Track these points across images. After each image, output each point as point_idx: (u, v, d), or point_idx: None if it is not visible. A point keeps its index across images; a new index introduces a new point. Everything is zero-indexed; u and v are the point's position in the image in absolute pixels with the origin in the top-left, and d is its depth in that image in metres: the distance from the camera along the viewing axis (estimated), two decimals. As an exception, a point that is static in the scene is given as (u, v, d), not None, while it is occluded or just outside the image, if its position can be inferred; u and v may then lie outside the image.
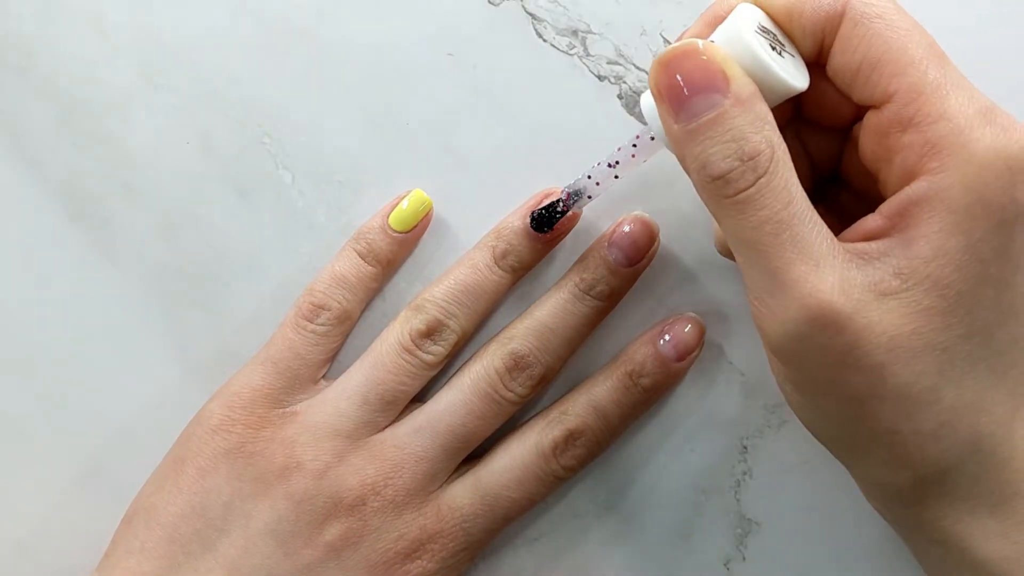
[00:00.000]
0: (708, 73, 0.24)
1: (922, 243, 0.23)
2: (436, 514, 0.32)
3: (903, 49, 0.24)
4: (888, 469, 0.25)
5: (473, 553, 0.32)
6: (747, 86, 0.24)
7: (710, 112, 0.24)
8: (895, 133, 0.24)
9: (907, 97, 0.24)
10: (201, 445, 0.32)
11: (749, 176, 0.23)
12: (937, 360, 0.23)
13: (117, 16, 0.35)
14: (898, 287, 0.23)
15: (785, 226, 0.23)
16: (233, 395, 0.32)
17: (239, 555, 0.31)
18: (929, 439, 0.24)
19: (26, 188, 0.35)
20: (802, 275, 0.23)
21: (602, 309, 0.32)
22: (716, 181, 0.24)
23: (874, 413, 0.24)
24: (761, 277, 0.24)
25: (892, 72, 0.24)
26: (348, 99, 0.34)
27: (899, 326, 0.23)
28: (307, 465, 0.31)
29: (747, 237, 0.24)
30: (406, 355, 0.32)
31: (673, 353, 0.32)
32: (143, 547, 0.31)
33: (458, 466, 0.33)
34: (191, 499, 0.31)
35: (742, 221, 0.24)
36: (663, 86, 0.24)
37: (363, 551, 0.31)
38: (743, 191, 0.24)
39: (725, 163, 0.24)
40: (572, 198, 0.31)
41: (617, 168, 0.30)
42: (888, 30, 0.24)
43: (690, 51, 0.24)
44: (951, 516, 0.25)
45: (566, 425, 0.32)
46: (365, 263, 0.33)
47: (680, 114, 0.24)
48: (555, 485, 0.32)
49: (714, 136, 0.24)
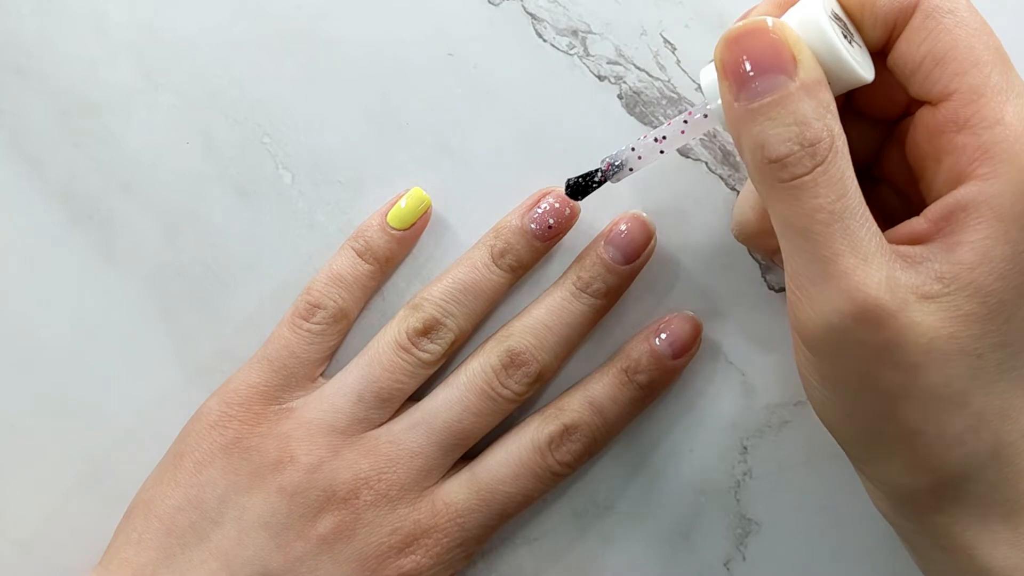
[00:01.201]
0: (777, 53, 0.24)
1: (967, 249, 0.23)
2: (431, 509, 0.32)
3: (970, 48, 0.24)
4: (908, 471, 0.25)
5: (469, 550, 0.32)
6: (815, 71, 0.24)
7: (774, 93, 0.23)
8: (949, 133, 0.24)
9: (967, 98, 0.24)
10: (199, 440, 0.32)
11: (807, 162, 0.23)
12: (970, 365, 0.23)
13: (117, 16, 0.35)
14: (940, 291, 0.23)
15: (838, 217, 0.23)
16: (231, 392, 0.33)
17: (232, 547, 0.31)
18: (954, 442, 0.24)
19: (26, 188, 0.35)
20: (851, 268, 0.23)
21: (599, 307, 0.32)
22: (773, 164, 0.24)
23: (903, 412, 0.24)
24: (807, 265, 0.24)
25: (955, 70, 0.24)
26: (348, 99, 0.34)
27: (938, 329, 0.23)
28: (301, 459, 0.31)
29: (798, 224, 0.23)
30: (402, 353, 0.32)
31: (669, 351, 0.32)
32: (140, 538, 0.31)
33: (455, 464, 0.33)
34: (187, 492, 0.32)
35: (795, 207, 0.23)
36: (728, 62, 0.24)
37: (356, 544, 0.31)
38: (800, 177, 0.23)
39: (784, 146, 0.23)
40: (612, 169, 0.29)
41: (663, 143, 0.29)
42: (958, 27, 0.24)
43: (760, 29, 0.24)
44: (962, 522, 0.25)
45: (562, 420, 0.32)
46: (362, 261, 0.33)
47: (742, 92, 0.24)
48: (551, 481, 0.32)
49: (776, 118, 0.23)
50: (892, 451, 0.25)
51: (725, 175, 0.33)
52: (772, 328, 0.33)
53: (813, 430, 0.33)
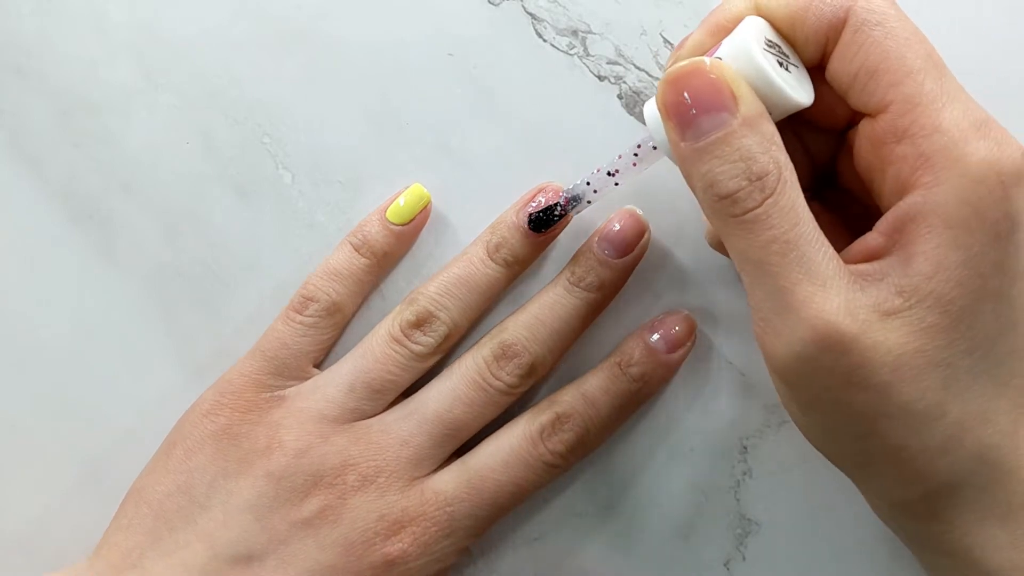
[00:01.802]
0: (717, 92, 0.24)
1: (921, 260, 0.23)
2: (419, 497, 0.32)
3: (901, 59, 0.24)
4: (898, 485, 0.25)
5: (459, 543, 0.32)
6: (755, 105, 0.24)
7: (718, 131, 0.24)
8: (890, 143, 0.24)
9: (902, 108, 0.24)
10: (191, 429, 0.33)
11: (757, 196, 0.23)
12: (941, 376, 0.23)
13: (117, 16, 0.35)
14: (901, 306, 0.23)
15: (792, 246, 0.23)
16: (224, 383, 0.33)
17: (217, 528, 0.31)
18: (937, 453, 0.24)
19: (26, 188, 0.35)
20: (808, 296, 0.23)
21: (593, 301, 0.32)
22: (723, 200, 0.24)
23: (882, 431, 0.24)
24: (766, 297, 0.24)
25: (889, 82, 0.24)
26: (348, 99, 0.34)
27: (903, 344, 0.23)
28: (289, 445, 0.32)
29: (754, 257, 0.24)
30: (395, 345, 0.32)
31: (663, 345, 0.32)
32: (130, 524, 0.32)
33: (449, 460, 0.33)
34: (177, 479, 0.32)
35: (749, 240, 0.24)
36: (670, 104, 0.24)
37: (342, 529, 0.31)
38: (751, 211, 0.24)
39: (733, 183, 0.24)
40: (571, 203, 0.31)
41: (617, 176, 0.30)
42: (887, 39, 0.24)
43: (698, 69, 0.24)
44: (960, 528, 0.25)
45: (554, 409, 0.32)
46: (359, 255, 0.33)
47: (687, 132, 0.24)
48: (544, 472, 0.32)
49: (722, 155, 0.24)
50: (879, 468, 0.25)
51: (725, 175, 0.33)
52: (772, 328, 0.33)
53: (813, 430, 0.33)
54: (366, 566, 0.31)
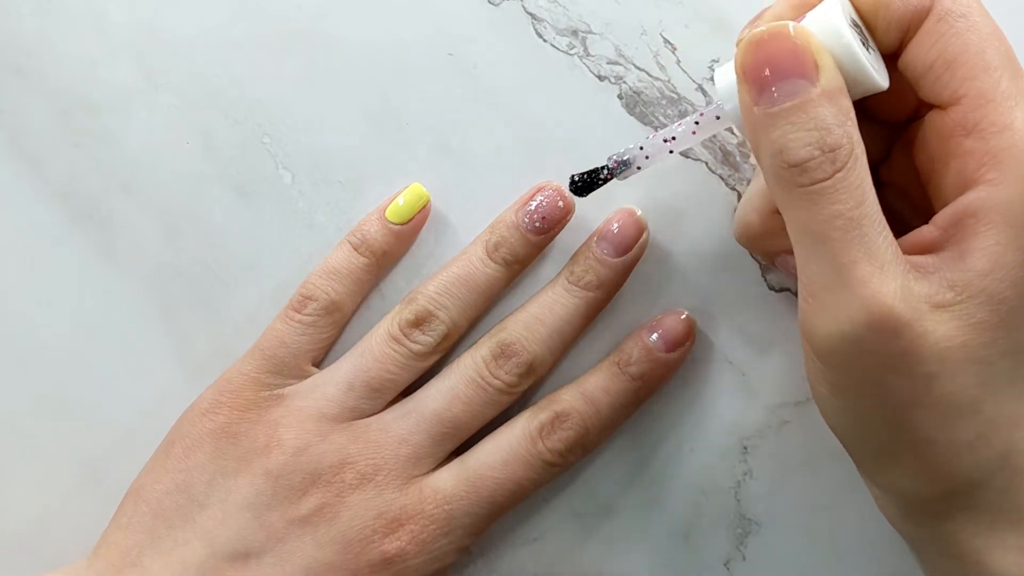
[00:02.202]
0: (799, 59, 0.23)
1: (978, 256, 0.23)
2: (418, 495, 0.32)
3: (980, 53, 0.24)
4: (918, 479, 0.25)
5: (457, 542, 0.32)
6: (836, 78, 0.24)
7: (795, 98, 0.23)
8: (957, 137, 0.24)
9: (975, 102, 0.24)
10: (190, 427, 0.33)
11: (827, 167, 0.23)
12: (981, 373, 0.23)
13: (117, 16, 0.35)
14: (952, 299, 0.23)
15: (856, 224, 0.23)
16: (224, 381, 0.33)
17: (215, 526, 0.31)
18: (964, 450, 0.24)
19: (26, 188, 0.35)
20: (867, 276, 0.23)
21: (592, 300, 0.32)
22: (792, 168, 0.23)
23: (914, 421, 0.24)
24: (821, 272, 0.24)
25: (965, 75, 0.24)
26: (348, 99, 0.34)
27: (951, 338, 0.23)
28: (288, 443, 0.32)
29: (815, 229, 0.23)
30: (394, 344, 0.32)
31: (661, 344, 0.32)
32: (128, 523, 0.32)
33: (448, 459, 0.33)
34: (176, 477, 0.32)
35: (814, 212, 0.23)
36: (749, 65, 0.24)
37: (339, 527, 0.31)
38: (819, 182, 0.23)
39: (805, 151, 0.23)
40: (620, 167, 0.30)
41: (673, 143, 0.29)
42: (969, 31, 0.24)
43: (783, 33, 0.24)
44: (971, 529, 0.25)
45: (553, 408, 0.32)
46: (358, 254, 0.33)
47: (763, 96, 0.24)
48: (542, 471, 0.32)
49: (797, 122, 0.23)
50: (903, 460, 0.25)
51: (725, 175, 0.33)
52: (772, 328, 0.33)
53: (813, 430, 0.33)
54: (364, 564, 0.31)
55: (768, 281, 0.34)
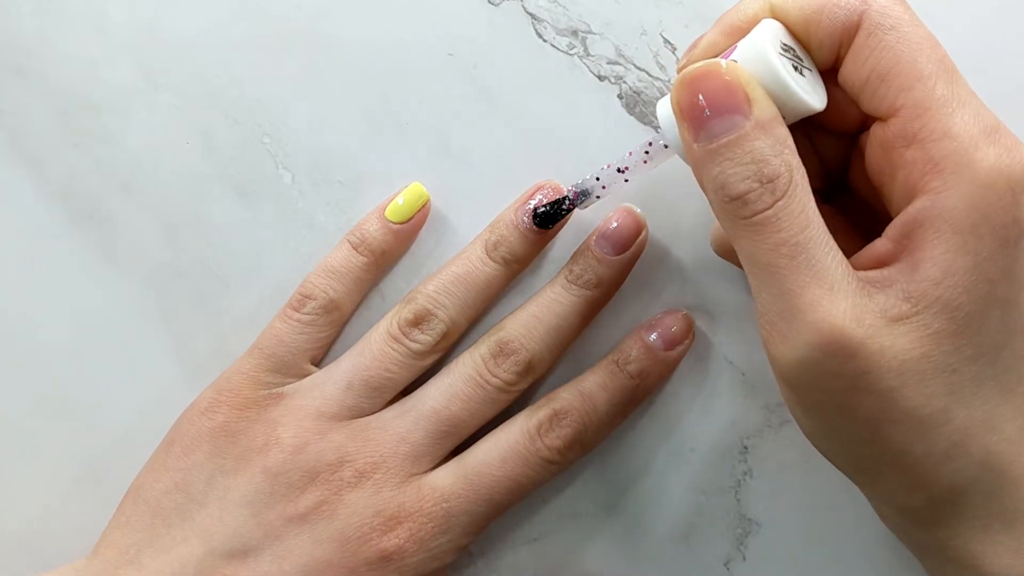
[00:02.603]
0: (731, 94, 0.24)
1: (929, 265, 0.23)
2: (416, 493, 0.32)
3: (912, 63, 0.24)
4: (902, 491, 0.25)
5: (456, 541, 0.32)
6: (769, 109, 0.24)
7: (731, 133, 0.24)
8: (899, 148, 0.24)
9: (912, 112, 0.24)
10: (188, 426, 0.33)
11: (767, 198, 0.24)
12: (947, 382, 0.23)
13: (117, 16, 0.35)
14: (908, 311, 0.23)
15: (801, 249, 0.23)
16: (223, 380, 0.33)
17: (213, 524, 0.31)
18: (942, 459, 0.24)
19: (26, 188, 0.35)
20: (815, 299, 0.23)
21: (591, 299, 0.32)
22: (734, 202, 0.24)
23: (886, 436, 0.24)
24: (774, 300, 0.24)
25: (900, 86, 0.24)
26: (348, 99, 0.34)
27: (909, 350, 0.23)
28: (286, 441, 0.32)
29: (762, 259, 0.24)
30: (392, 343, 0.32)
31: (660, 343, 0.33)
32: (127, 521, 0.32)
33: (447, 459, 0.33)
34: (175, 476, 0.32)
35: (758, 243, 0.24)
36: (684, 104, 0.25)
37: (337, 525, 0.31)
38: (760, 212, 0.24)
39: (744, 184, 0.24)
40: (580, 197, 0.31)
41: (627, 173, 0.30)
42: (900, 43, 0.24)
43: (714, 71, 0.24)
44: (965, 535, 0.25)
45: (551, 406, 0.32)
46: (356, 253, 0.33)
47: (700, 133, 0.24)
48: (541, 469, 0.32)
49: (734, 157, 0.24)
50: (883, 474, 0.25)
51: (725, 175, 0.33)
52: (772, 328, 0.33)
53: (813, 430, 0.33)
54: (361, 561, 0.31)
55: (768, 281, 0.34)
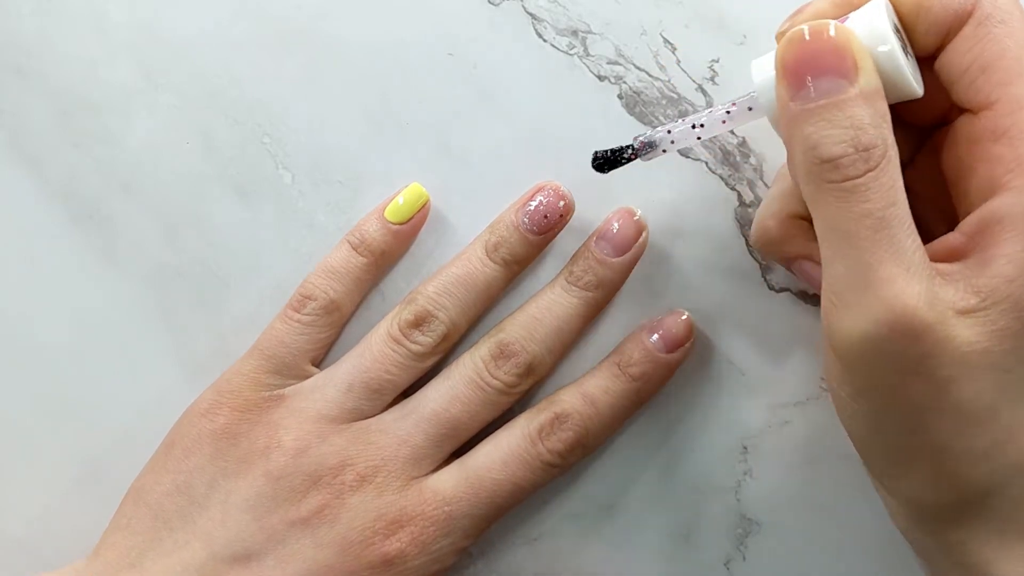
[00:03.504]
0: (839, 58, 0.24)
1: (1004, 262, 0.23)
2: (418, 496, 0.32)
3: (1018, 59, 0.24)
4: (932, 486, 0.25)
5: (457, 544, 0.32)
6: (874, 80, 0.24)
7: (833, 96, 0.23)
8: (986, 142, 0.24)
9: (1008, 108, 0.24)
10: (189, 428, 0.33)
11: (860, 166, 0.23)
12: (999, 380, 0.23)
13: (117, 16, 0.35)
14: (976, 305, 0.23)
15: (886, 224, 0.23)
16: (223, 382, 0.33)
17: (215, 527, 0.31)
18: (980, 457, 0.24)
19: (26, 188, 0.35)
20: (892, 276, 0.23)
21: (591, 300, 0.32)
22: (825, 164, 0.23)
23: (930, 426, 0.24)
24: (848, 270, 0.23)
25: (1000, 80, 0.24)
26: (348, 99, 0.34)
27: (972, 343, 0.23)
28: (288, 444, 0.32)
29: (844, 227, 0.23)
30: (393, 344, 0.32)
31: (661, 345, 0.32)
32: (128, 524, 0.32)
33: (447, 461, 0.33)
34: (176, 478, 0.32)
35: (844, 210, 0.23)
36: (790, 61, 0.24)
37: (339, 528, 0.31)
38: (852, 179, 0.23)
39: (838, 147, 0.23)
40: (645, 148, 0.29)
41: (701, 130, 0.29)
42: (1007, 37, 0.24)
43: (825, 32, 0.24)
44: (981, 538, 0.25)
45: (553, 409, 0.32)
46: (356, 254, 0.33)
47: (801, 92, 0.24)
48: (542, 472, 0.32)
49: (832, 119, 0.23)
50: (917, 466, 0.25)
51: (725, 175, 0.33)
52: (772, 328, 0.33)
53: (813, 430, 0.33)
54: (364, 565, 0.31)
55: (768, 281, 0.34)
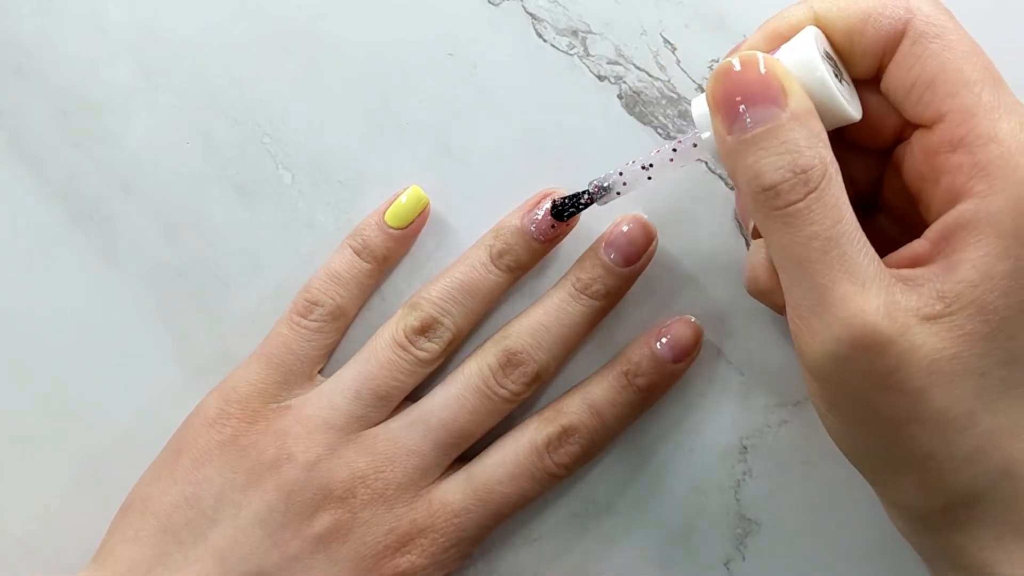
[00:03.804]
0: (766, 86, 0.24)
1: (968, 267, 0.23)
2: (427, 509, 0.32)
3: (959, 70, 0.24)
4: (920, 493, 0.25)
5: (464, 550, 0.32)
6: (804, 102, 0.24)
7: (766, 124, 0.24)
8: (944, 153, 0.24)
9: (959, 117, 0.24)
10: (196, 437, 0.32)
11: (800, 189, 0.23)
12: (975, 385, 0.23)
13: (117, 16, 0.35)
14: (942, 311, 0.23)
15: (834, 243, 0.23)
16: (229, 389, 0.33)
17: (228, 544, 0.31)
18: (963, 463, 0.24)
19: (26, 188, 0.35)
20: (847, 294, 0.23)
21: (599, 309, 0.32)
22: (767, 192, 0.24)
23: (911, 437, 0.24)
24: (805, 295, 0.24)
25: (946, 92, 0.24)
26: (348, 99, 0.34)
27: (940, 350, 0.23)
28: (298, 457, 0.31)
29: (794, 252, 0.24)
30: (399, 351, 0.32)
31: (669, 355, 0.32)
32: (136, 536, 0.32)
33: (453, 465, 0.33)
34: (184, 489, 0.32)
35: (791, 235, 0.24)
36: (719, 96, 0.25)
37: (352, 543, 0.31)
38: (793, 204, 0.23)
39: (777, 174, 0.24)
40: (600, 192, 0.31)
41: (651, 170, 0.30)
42: (945, 51, 0.24)
43: (751, 63, 0.24)
44: (978, 542, 0.25)
45: (560, 422, 0.32)
46: (360, 259, 0.33)
47: (735, 124, 0.24)
48: (549, 483, 0.32)
49: (768, 147, 0.24)
50: (903, 475, 0.25)
51: (725, 175, 0.33)
52: (772, 329, 0.33)
53: (813, 430, 0.33)
54: None
55: (768, 281, 0.34)
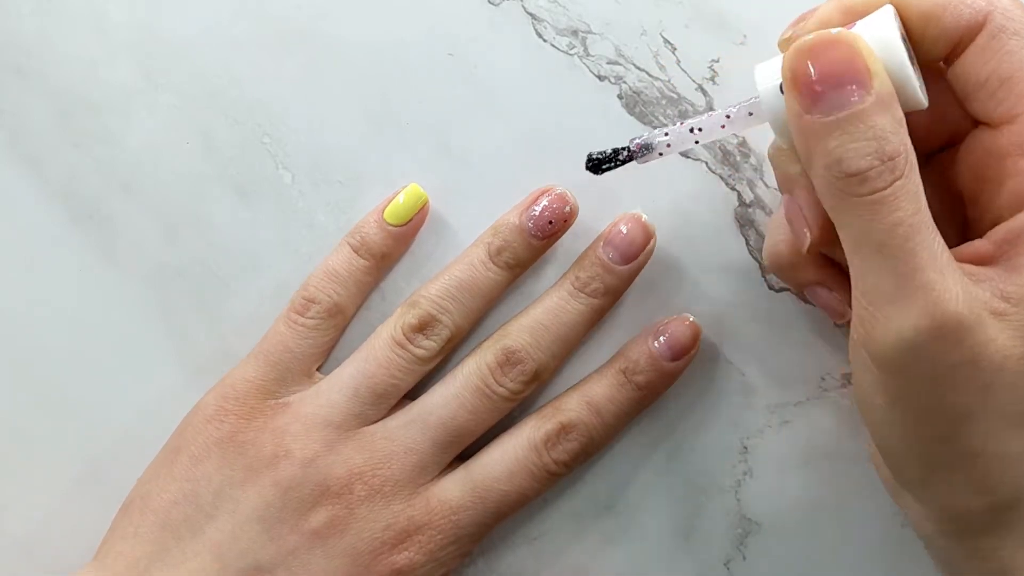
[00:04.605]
0: (853, 66, 0.23)
1: None
2: (425, 506, 0.32)
3: None
4: (965, 492, 0.25)
5: (463, 549, 0.32)
6: (888, 85, 0.23)
7: (850, 107, 0.23)
8: (1013, 156, 0.24)
9: None
10: (195, 434, 0.32)
11: (887, 176, 0.23)
12: None
13: (117, 16, 0.35)
14: (1006, 309, 0.23)
15: (916, 230, 0.23)
16: (227, 387, 0.33)
17: (225, 539, 0.31)
18: (1014, 461, 0.24)
19: (26, 188, 0.35)
20: (931, 281, 0.23)
21: (597, 307, 0.32)
22: (851, 178, 0.23)
23: (967, 433, 0.24)
24: (883, 281, 0.23)
25: (1022, 92, 0.24)
26: (348, 99, 0.34)
27: (1010, 347, 0.23)
28: (296, 453, 0.31)
29: (875, 239, 0.23)
30: (398, 349, 0.32)
31: (668, 353, 0.32)
32: (136, 532, 0.32)
33: (451, 463, 0.33)
34: (183, 486, 0.32)
35: (873, 222, 0.23)
36: (800, 73, 0.23)
37: (349, 539, 0.31)
38: (879, 191, 0.23)
39: (864, 161, 0.23)
40: (641, 151, 0.28)
41: (699, 135, 0.28)
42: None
43: (835, 40, 0.23)
44: (1011, 545, 0.25)
45: (559, 419, 0.32)
46: (358, 256, 0.33)
47: (816, 105, 0.23)
48: (547, 481, 0.32)
49: (853, 132, 0.23)
50: (951, 473, 0.25)
51: (725, 175, 0.33)
52: (772, 328, 0.33)
53: (813, 430, 0.33)
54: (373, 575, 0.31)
55: (768, 281, 0.34)
